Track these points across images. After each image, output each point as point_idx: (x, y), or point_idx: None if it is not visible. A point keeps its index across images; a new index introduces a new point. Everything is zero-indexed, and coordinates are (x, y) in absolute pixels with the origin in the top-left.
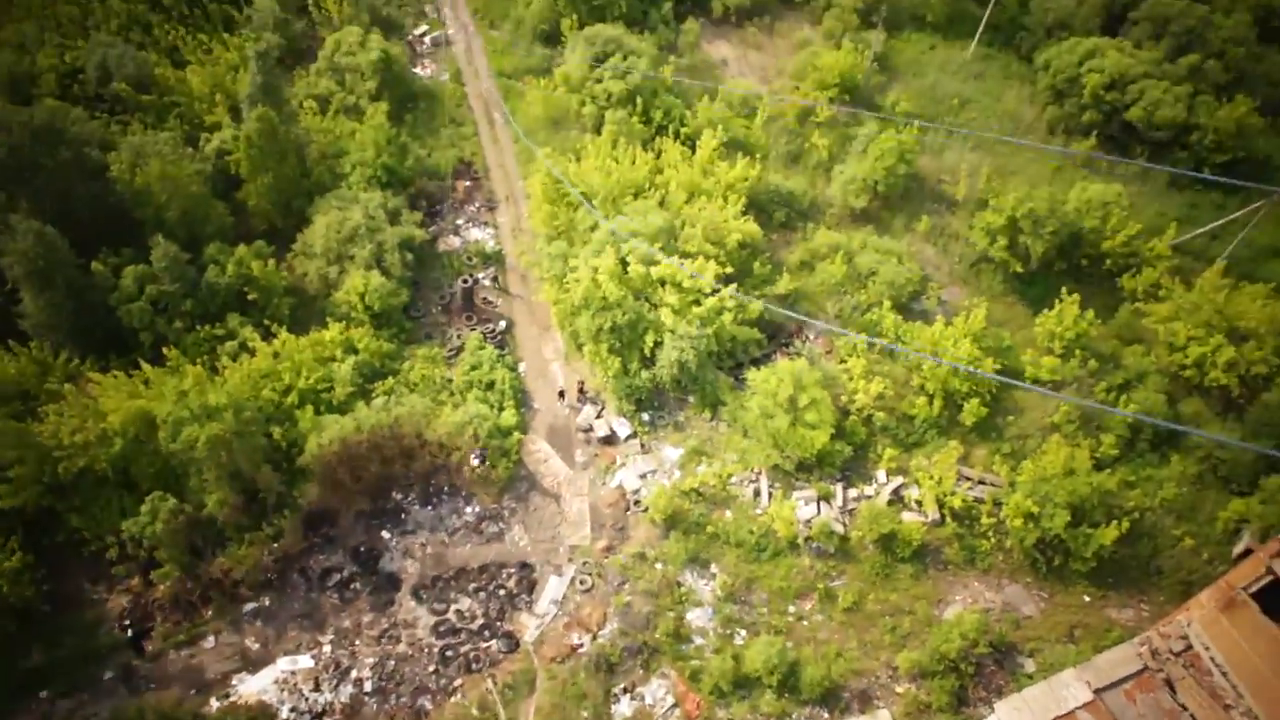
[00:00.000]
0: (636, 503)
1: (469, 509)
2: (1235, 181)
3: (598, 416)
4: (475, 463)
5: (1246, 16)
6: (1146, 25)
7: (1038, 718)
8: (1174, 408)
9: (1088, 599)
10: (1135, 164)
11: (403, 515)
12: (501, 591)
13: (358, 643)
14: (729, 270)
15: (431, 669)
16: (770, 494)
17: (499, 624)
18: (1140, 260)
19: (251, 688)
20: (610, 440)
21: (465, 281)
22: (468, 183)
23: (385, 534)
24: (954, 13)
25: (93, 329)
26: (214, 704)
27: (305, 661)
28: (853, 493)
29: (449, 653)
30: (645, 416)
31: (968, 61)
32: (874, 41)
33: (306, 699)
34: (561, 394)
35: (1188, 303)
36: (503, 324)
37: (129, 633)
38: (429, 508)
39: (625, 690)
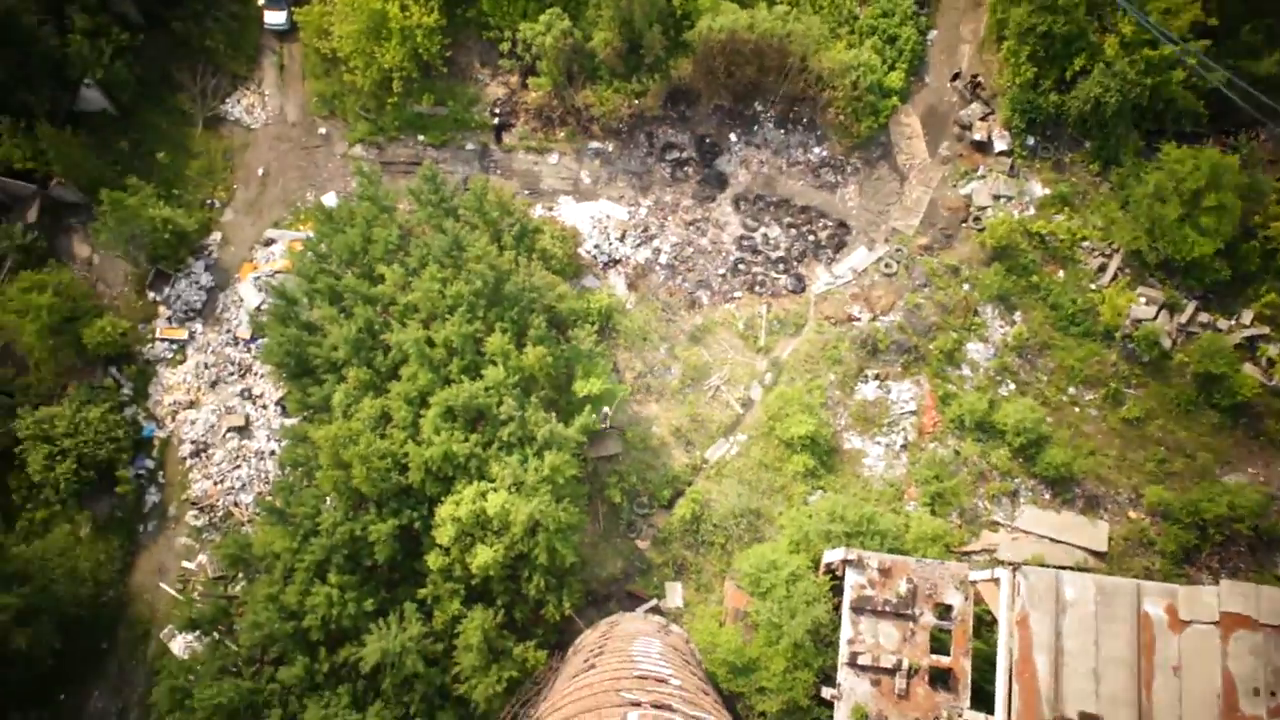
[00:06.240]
0: (976, 219)
1: (817, 149)
2: None
3: (982, 119)
4: None
5: None
6: None
7: (1261, 616)
8: None
9: None
10: None
11: (755, 126)
12: (811, 237)
13: (670, 219)
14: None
15: (721, 271)
16: (1116, 276)
17: (795, 265)
18: None
19: (572, 213)
20: (982, 147)
21: None
22: None
23: (732, 136)
24: None
25: None
26: (538, 210)
27: (621, 213)
28: (1204, 317)
29: (740, 265)
30: (1030, 140)
31: None
32: None
33: (610, 242)
34: (956, 75)
35: None
36: None
37: (495, 119)
38: (782, 131)
39: (877, 376)
